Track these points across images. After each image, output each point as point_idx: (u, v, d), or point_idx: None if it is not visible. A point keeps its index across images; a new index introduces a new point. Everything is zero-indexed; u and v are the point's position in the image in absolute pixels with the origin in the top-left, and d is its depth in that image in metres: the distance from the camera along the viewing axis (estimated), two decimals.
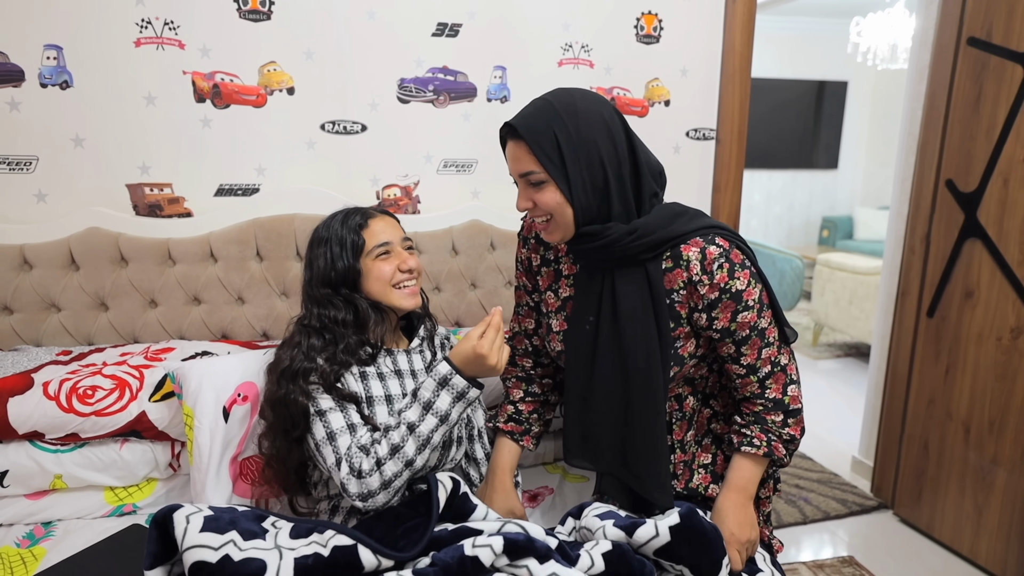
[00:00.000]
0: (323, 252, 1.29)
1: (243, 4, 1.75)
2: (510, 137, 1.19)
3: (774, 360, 1.25)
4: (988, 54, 2.21)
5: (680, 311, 1.21)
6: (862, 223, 6.60)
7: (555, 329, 1.33)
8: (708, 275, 1.17)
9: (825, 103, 6.79)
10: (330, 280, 1.28)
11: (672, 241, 1.18)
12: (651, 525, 1.13)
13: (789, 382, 1.28)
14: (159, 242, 1.74)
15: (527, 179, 1.17)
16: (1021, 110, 2.11)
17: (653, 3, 2.03)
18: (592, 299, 1.24)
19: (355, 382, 1.25)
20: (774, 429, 1.27)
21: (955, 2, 2.33)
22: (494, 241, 1.95)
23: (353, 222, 1.31)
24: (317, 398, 1.20)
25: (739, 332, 1.21)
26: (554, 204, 1.16)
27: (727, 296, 1.18)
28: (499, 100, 1.98)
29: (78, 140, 1.71)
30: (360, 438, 1.18)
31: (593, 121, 1.15)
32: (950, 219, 2.37)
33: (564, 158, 1.13)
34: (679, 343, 1.23)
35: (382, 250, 1.30)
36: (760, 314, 1.21)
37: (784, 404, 1.26)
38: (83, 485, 1.44)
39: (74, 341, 1.73)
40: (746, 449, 1.27)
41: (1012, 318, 2.17)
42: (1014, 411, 2.18)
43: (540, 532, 1.10)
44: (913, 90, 2.62)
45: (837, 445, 3.22)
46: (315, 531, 1.08)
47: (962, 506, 2.38)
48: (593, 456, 1.31)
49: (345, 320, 1.26)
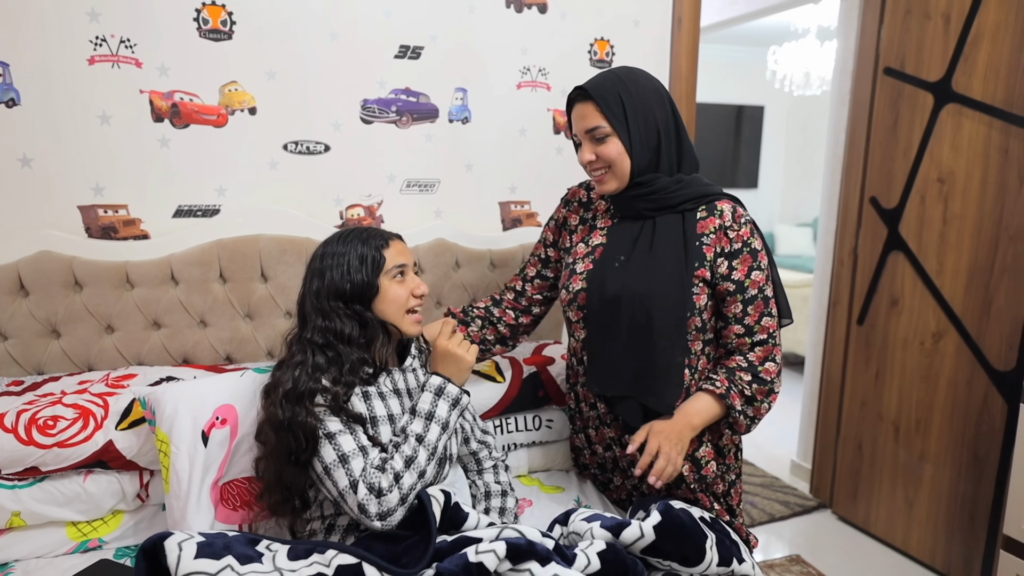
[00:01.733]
0: (338, 264, 1.28)
1: (203, 24, 1.73)
2: (579, 100, 1.37)
3: (771, 333, 1.38)
4: (903, 83, 2.42)
5: (707, 253, 1.36)
6: (783, 239, 6.97)
7: (579, 271, 1.46)
8: (737, 225, 1.36)
9: (744, 126, 7.16)
10: (344, 293, 1.27)
11: (709, 197, 1.38)
12: (636, 527, 1.18)
13: (771, 358, 1.38)
14: (116, 265, 1.67)
15: (592, 134, 1.36)
16: (933, 134, 2.32)
17: (605, 30, 2.13)
18: (626, 242, 1.41)
19: (360, 402, 1.24)
20: (738, 381, 1.37)
21: (871, 34, 2.55)
22: (459, 260, 1.97)
23: (375, 241, 1.31)
24: (325, 420, 1.18)
25: (750, 289, 1.36)
26: (616, 155, 1.35)
27: (747, 250, 1.35)
28: (460, 121, 2.01)
29: (26, 160, 1.64)
30: (373, 460, 1.18)
31: (650, 91, 1.38)
32: (875, 233, 2.56)
33: (627, 116, 1.33)
34: (696, 289, 1.36)
35: (399, 271, 1.31)
36: (768, 280, 1.37)
37: (756, 369, 1.37)
38: (43, 522, 1.36)
39: (22, 371, 1.63)
40: (705, 386, 1.38)
41: (933, 324, 2.36)
42: (937, 410, 2.37)
43: (537, 535, 1.13)
44: (836, 115, 2.82)
45: (776, 451, 3.38)
46: (315, 551, 1.07)
47: (894, 501, 2.55)
48: (614, 382, 1.41)
49: (351, 336, 1.25)
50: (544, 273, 1.62)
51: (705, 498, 1.46)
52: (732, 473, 1.49)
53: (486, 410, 1.65)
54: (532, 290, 1.63)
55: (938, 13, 2.28)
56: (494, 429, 1.68)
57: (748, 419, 1.38)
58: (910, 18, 2.38)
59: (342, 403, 1.20)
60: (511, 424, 1.70)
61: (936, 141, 2.32)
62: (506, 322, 1.62)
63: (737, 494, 1.50)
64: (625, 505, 1.59)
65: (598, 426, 1.54)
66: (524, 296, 1.63)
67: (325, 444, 1.18)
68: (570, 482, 1.68)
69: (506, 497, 1.42)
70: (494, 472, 1.45)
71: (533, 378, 1.71)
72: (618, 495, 1.62)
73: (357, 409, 1.23)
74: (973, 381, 2.24)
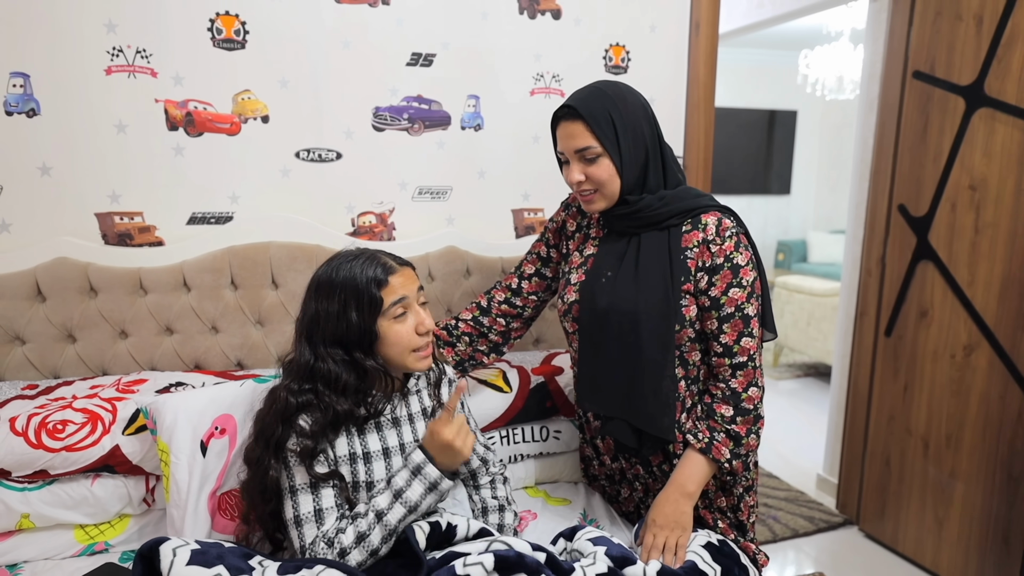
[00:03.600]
0: (334, 305, 1.17)
1: (217, 33, 1.75)
2: (566, 118, 1.32)
3: (751, 354, 1.32)
4: (932, 87, 2.34)
5: (691, 267, 1.32)
6: (816, 246, 6.83)
7: (573, 281, 1.44)
8: (720, 238, 1.31)
9: (776, 131, 7.04)
10: (341, 339, 1.18)
11: (695, 210, 1.34)
12: (639, 568, 1.16)
13: (754, 383, 1.33)
14: (130, 271, 1.70)
15: (582, 154, 1.31)
16: (964, 139, 2.23)
17: (621, 35, 2.10)
18: (613, 257, 1.38)
19: (345, 443, 1.20)
20: (720, 425, 1.32)
21: (900, 37, 2.47)
22: (470, 267, 1.96)
23: (372, 273, 1.18)
24: (292, 470, 1.15)
25: (726, 307, 1.30)
26: (607, 176, 1.31)
27: (728, 265, 1.30)
28: (473, 128, 2.01)
29: (45, 169, 1.68)
30: (326, 531, 1.13)
31: (637, 107, 1.34)
32: (903, 242, 2.48)
33: (618, 136, 1.30)
34: (684, 301, 1.32)
35: (399, 309, 1.19)
36: (749, 299, 1.31)
37: (739, 397, 1.32)
38: (52, 524, 1.38)
39: (39, 375, 1.67)
40: (690, 439, 1.34)
41: (964, 336, 2.27)
42: (969, 426, 2.28)
43: (527, 547, 1.10)
44: (864, 120, 2.75)
45: (802, 464, 3.29)
46: (303, 567, 1.07)
47: (923, 520, 2.45)
48: (602, 399, 1.39)
49: (346, 384, 1.17)
50: (543, 272, 1.58)
51: (708, 515, 1.42)
52: (740, 486, 1.44)
53: (490, 421, 1.63)
54: (528, 288, 1.58)
55: (970, 14, 2.20)
56: (500, 440, 1.66)
57: (741, 458, 1.34)
58: (940, 20, 2.30)
59: (311, 458, 1.14)
60: (517, 435, 1.68)
61: (967, 147, 2.23)
62: (497, 330, 1.59)
63: (747, 508, 1.45)
64: (633, 518, 1.56)
65: (604, 436, 1.51)
66: (519, 295, 1.58)
67: (287, 498, 1.15)
68: (577, 494, 1.65)
69: (503, 512, 1.40)
70: (491, 487, 1.42)
71: (540, 388, 1.69)
72: (626, 507, 1.59)
73: (339, 451, 1.19)
74: (1007, 396, 2.15)
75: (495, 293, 1.60)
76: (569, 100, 1.32)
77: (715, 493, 1.42)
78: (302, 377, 1.18)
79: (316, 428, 1.15)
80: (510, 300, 1.59)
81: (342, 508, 1.17)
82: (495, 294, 1.60)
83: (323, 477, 1.14)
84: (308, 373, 1.18)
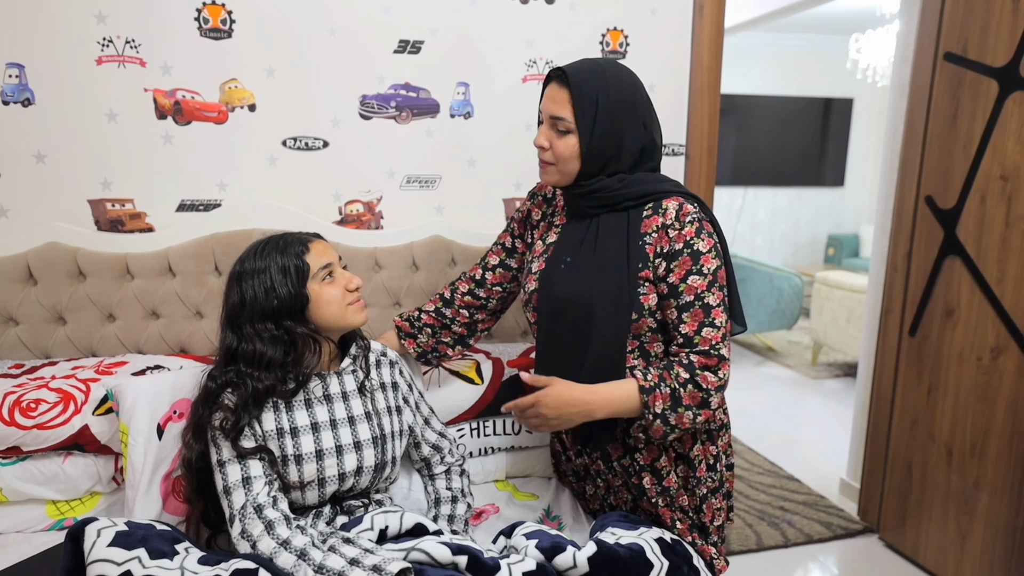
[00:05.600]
0: (258, 283, 1.21)
1: (204, 23, 1.77)
2: (558, 80, 1.28)
3: (714, 345, 1.22)
4: (964, 69, 2.18)
5: (649, 252, 1.27)
6: (868, 241, 6.51)
7: (534, 270, 1.41)
8: (679, 223, 1.25)
9: (832, 120, 6.74)
10: (271, 312, 1.21)
11: (656, 194, 1.29)
12: (569, 555, 1.11)
13: (712, 368, 1.21)
14: (117, 257, 1.75)
15: (555, 123, 1.28)
16: (997, 126, 2.07)
17: (619, 19, 2.03)
18: (573, 242, 1.34)
19: (272, 418, 1.22)
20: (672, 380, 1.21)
21: (932, 18, 2.31)
22: (455, 256, 1.94)
23: (292, 249, 1.25)
24: (220, 445, 1.18)
25: (685, 295, 1.23)
26: (568, 154, 1.28)
27: (687, 251, 1.24)
28: (462, 116, 1.98)
29: (40, 156, 1.74)
30: (254, 496, 1.15)
31: (628, 102, 1.27)
32: (930, 236, 2.33)
33: (596, 119, 1.25)
34: (642, 290, 1.26)
35: (326, 272, 1.27)
36: (710, 288, 1.23)
37: (695, 372, 1.21)
38: (24, 499, 1.44)
39: (31, 355, 1.74)
40: (637, 375, 1.24)
41: (992, 337, 2.12)
42: (995, 434, 2.12)
43: (447, 553, 1.07)
44: (895, 105, 2.59)
45: (826, 467, 3.15)
46: (223, 561, 1.07)
47: (945, 531, 2.31)
48: None
49: (272, 359, 1.20)
50: (507, 263, 1.54)
51: (668, 512, 1.36)
52: (705, 487, 1.37)
53: (460, 413, 1.61)
54: (493, 279, 1.54)
55: None
56: (470, 432, 1.64)
57: (668, 427, 1.22)
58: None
59: (236, 433, 1.18)
60: (488, 427, 1.65)
61: (1000, 134, 2.07)
62: (460, 322, 1.56)
63: (711, 510, 1.38)
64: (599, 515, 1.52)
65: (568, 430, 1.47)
66: (483, 287, 1.55)
67: (216, 472, 1.18)
68: (547, 490, 1.62)
69: (456, 504, 1.38)
70: (446, 477, 1.41)
71: (513, 381, 1.65)
72: (592, 504, 1.54)
73: (266, 426, 1.21)
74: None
75: (459, 284, 1.58)
76: (569, 65, 1.28)
77: (677, 491, 1.36)
78: (225, 362, 1.22)
79: (239, 404, 1.19)
80: (474, 291, 1.55)
81: (270, 476, 1.19)
82: (459, 285, 1.58)
83: (249, 452, 1.17)
84: (231, 357, 1.22)
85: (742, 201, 6.79)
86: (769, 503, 2.81)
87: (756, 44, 6.33)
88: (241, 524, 1.13)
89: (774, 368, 4.65)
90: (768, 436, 3.48)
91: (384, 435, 1.32)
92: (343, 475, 1.26)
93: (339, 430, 1.27)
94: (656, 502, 1.36)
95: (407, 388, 1.44)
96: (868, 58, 4.95)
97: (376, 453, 1.29)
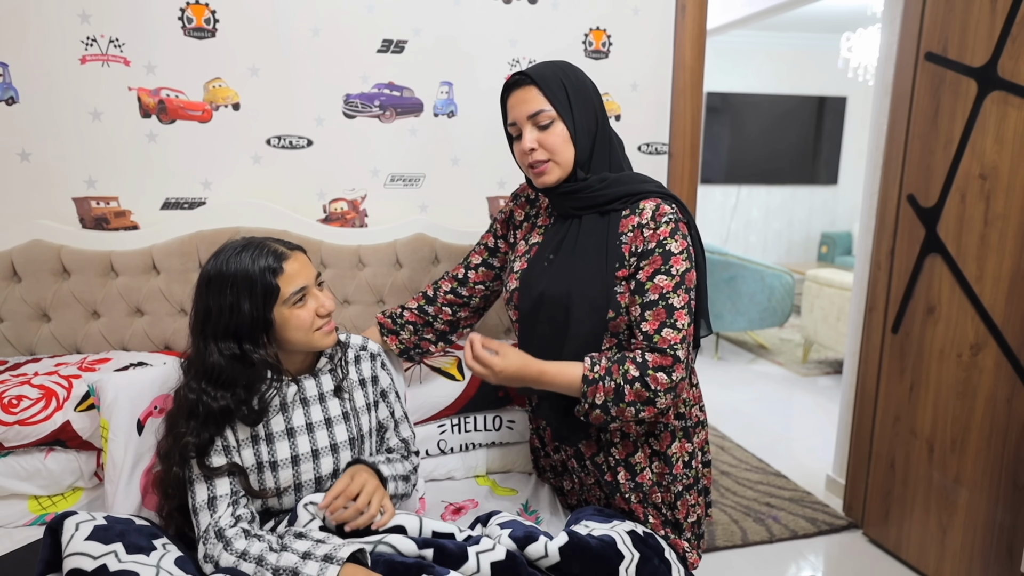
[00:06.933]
0: (226, 299, 1.15)
1: (188, 22, 1.78)
2: (518, 86, 1.31)
3: (672, 345, 1.22)
4: (945, 69, 2.20)
5: (625, 252, 1.29)
6: None
7: (516, 269, 1.43)
8: (654, 223, 1.27)
9: (825, 118, 6.76)
10: (232, 331, 1.16)
11: (636, 195, 1.31)
12: (541, 544, 1.13)
13: (665, 368, 1.21)
14: (101, 254, 1.76)
15: (535, 120, 1.29)
16: (976, 125, 2.09)
17: (601, 19, 2.04)
18: (556, 241, 1.37)
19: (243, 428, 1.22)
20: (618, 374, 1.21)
21: (914, 18, 2.33)
22: (438, 254, 1.96)
23: (264, 263, 1.17)
24: (189, 462, 1.18)
25: (650, 293, 1.25)
26: (560, 141, 1.29)
27: (659, 250, 1.26)
28: (446, 115, 1.99)
29: (24, 154, 1.75)
30: (217, 519, 1.15)
31: (587, 81, 1.35)
32: (912, 234, 2.35)
33: (570, 100, 1.28)
34: (619, 288, 1.28)
35: (298, 296, 1.20)
36: (676, 289, 1.24)
37: (646, 371, 1.21)
38: (6, 494, 1.45)
39: (15, 351, 1.75)
40: (585, 362, 1.24)
41: (971, 335, 2.14)
42: (974, 429, 2.14)
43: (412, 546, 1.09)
44: (879, 104, 2.61)
45: (815, 464, 3.18)
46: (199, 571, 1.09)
47: (927, 526, 2.33)
48: None
49: (228, 379, 1.17)
50: (490, 262, 1.56)
51: (640, 508, 1.37)
52: (680, 484, 1.38)
53: (440, 409, 1.62)
54: (475, 277, 1.57)
55: None
56: (451, 428, 1.66)
57: (608, 416, 1.22)
58: None
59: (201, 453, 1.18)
60: (469, 423, 1.67)
61: (979, 133, 2.09)
62: (443, 319, 1.58)
63: (685, 506, 1.40)
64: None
65: (548, 427, 1.49)
66: (465, 286, 1.57)
67: (188, 488, 1.19)
68: (527, 485, 1.64)
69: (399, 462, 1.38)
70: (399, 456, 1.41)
71: None
72: (570, 499, 1.56)
73: (240, 435, 1.21)
74: (1014, 400, 2.02)
75: (442, 283, 1.60)
76: (526, 69, 1.33)
77: (651, 488, 1.38)
78: (196, 375, 1.20)
79: (200, 424, 1.18)
80: (456, 290, 1.57)
81: (236, 495, 1.19)
82: (442, 284, 1.59)
83: (214, 472, 1.17)
84: (200, 370, 1.20)
85: (736, 199, 6.81)
86: (755, 499, 2.83)
87: (750, 43, 6.35)
88: (204, 548, 1.15)
89: (765, 365, 4.67)
90: (757, 433, 3.51)
91: (361, 435, 1.33)
92: (319, 479, 1.27)
93: (315, 434, 1.27)
94: (629, 498, 1.37)
95: (388, 381, 1.44)
96: (859, 57, 4.97)
97: (352, 454, 1.30)
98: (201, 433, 1.17)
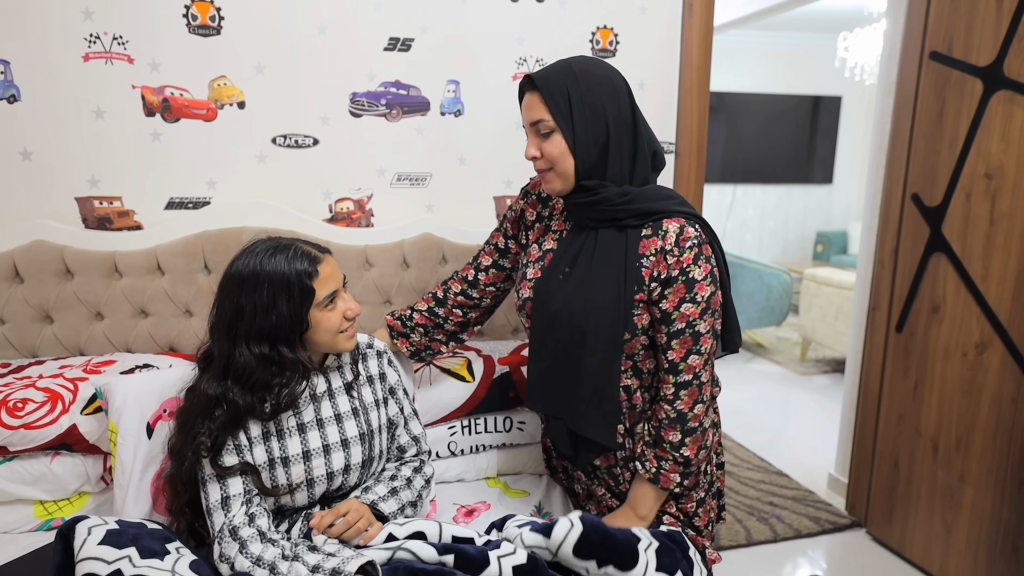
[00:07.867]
0: (262, 299, 1.15)
1: (193, 19, 1.76)
2: (527, 90, 1.28)
3: (697, 372, 1.26)
4: (950, 68, 2.20)
5: (644, 276, 1.25)
6: (856, 238, 6.56)
7: (529, 276, 1.40)
8: (679, 249, 1.23)
9: (820, 118, 6.78)
10: (268, 332, 1.16)
11: (658, 214, 1.25)
12: (565, 520, 1.14)
13: (699, 400, 1.28)
14: (105, 255, 1.74)
15: (536, 127, 1.26)
16: (981, 124, 2.09)
17: (609, 18, 2.03)
18: (572, 253, 1.32)
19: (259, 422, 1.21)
20: (668, 452, 1.28)
21: (918, 17, 2.33)
22: (446, 254, 1.94)
23: (300, 266, 1.17)
24: (203, 461, 1.18)
25: (677, 323, 1.24)
26: (558, 153, 1.25)
27: (682, 279, 1.23)
28: (453, 114, 1.98)
29: (26, 153, 1.72)
30: (231, 518, 1.15)
31: (604, 84, 1.25)
32: (916, 233, 2.35)
33: (572, 111, 1.23)
34: (637, 311, 1.26)
35: (329, 299, 1.21)
36: (703, 315, 1.24)
37: (685, 419, 1.27)
38: (11, 499, 1.43)
39: (18, 354, 1.72)
40: (638, 467, 1.31)
41: (976, 333, 2.14)
42: (979, 428, 2.15)
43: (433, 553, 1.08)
44: (882, 104, 2.61)
45: (816, 462, 3.18)
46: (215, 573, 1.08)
47: (931, 525, 2.34)
48: (547, 400, 1.36)
49: (258, 381, 1.17)
50: (500, 263, 1.53)
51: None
52: (700, 490, 1.38)
53: (451, 411, 1.61)
54: (485, 279, 1.54)
55: None
56: (461, 430, 1.64)
57: (694, 475, 1.32)
58: None
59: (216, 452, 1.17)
60: (479, 425, 1.65)
61: (984, 132, 2.09)
62: (454, 321, 1.56)
63: (705, 513, 1.39)
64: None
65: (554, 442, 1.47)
66: (476, 287, 1.54)
67: (201, 488, 1.19)
68: (538, 487, 1.62)
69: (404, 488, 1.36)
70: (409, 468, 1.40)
71: (504, 379, 1.66)
72: (582, 501, 1.55)
73: (252, 433, 1.21)
74: (1019, 398, 2.02)
75: (452, 284, 1.57)
76: (536, 71, 1.29)
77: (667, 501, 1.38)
78: (220, 374, 1.19)
79: (222, 423, 1.17)
80: (466, 292, 1.55)
81: (249, 494, 1.19)
82: (451, 285, 1.57)
83: (228, 471, 1.17)
84: (225, 369, 1.19)
85: (731, 198, 6.82)
86: (758, 498, 2.83)
87: (746, 42, 6.35)
88: (219, 547, 1.14)
89: (763, 364, 4.68)
90: (757, 432, 3.51)
91: (372, 430, 1.32)
92: (331, 474, 1.26)
93: (326, 429, 1.26)
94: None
95: (396, 378, 1.43)
96: (856, 56, 4.98)
97: (363, 449, 1.29)
98: (216, 434, 1.17)
